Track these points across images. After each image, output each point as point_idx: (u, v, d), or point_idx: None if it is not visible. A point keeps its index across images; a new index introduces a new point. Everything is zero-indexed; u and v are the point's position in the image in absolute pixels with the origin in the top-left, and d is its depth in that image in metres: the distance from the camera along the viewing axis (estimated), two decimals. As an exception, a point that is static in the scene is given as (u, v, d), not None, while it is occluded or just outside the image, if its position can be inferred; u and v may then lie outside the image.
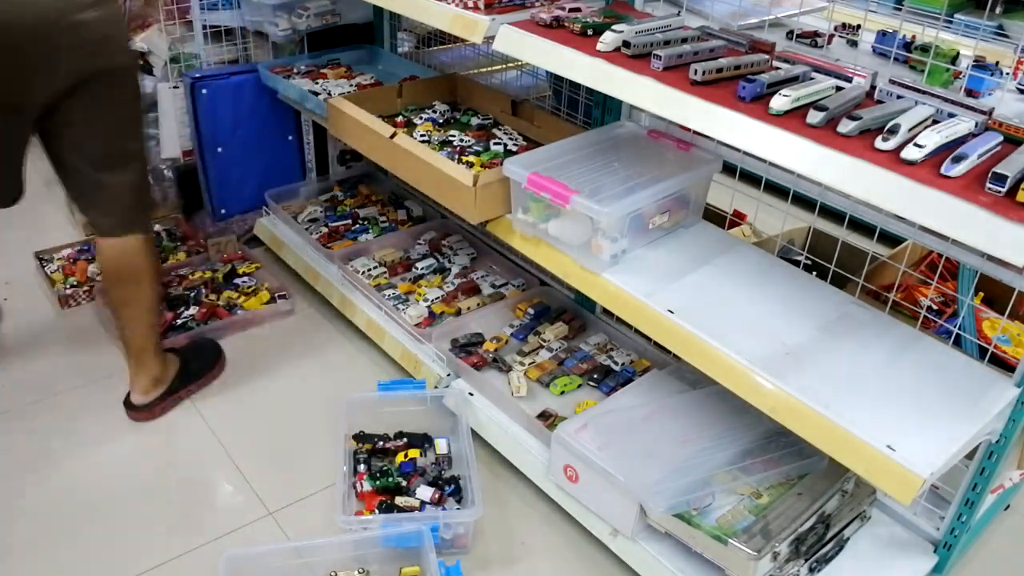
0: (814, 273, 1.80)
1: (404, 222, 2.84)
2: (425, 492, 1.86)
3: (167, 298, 2.55)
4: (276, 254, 2.80)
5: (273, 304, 2.58)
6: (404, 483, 1.90)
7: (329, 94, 2.53)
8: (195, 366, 2.27)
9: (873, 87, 1.50)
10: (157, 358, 2.15)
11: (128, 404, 2.17)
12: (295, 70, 2.76)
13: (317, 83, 2.67)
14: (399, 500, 1.84)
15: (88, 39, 1.72)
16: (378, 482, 1.88)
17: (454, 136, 2.31)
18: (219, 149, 2.76)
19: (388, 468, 1.94)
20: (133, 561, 1.78)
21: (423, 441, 2.02)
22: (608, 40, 1.63)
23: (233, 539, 1.85)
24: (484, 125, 2.42)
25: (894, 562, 1.66)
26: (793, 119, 1.38)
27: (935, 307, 2.26)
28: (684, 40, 1.65)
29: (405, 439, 2.02)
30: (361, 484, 1.89)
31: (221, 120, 2.73)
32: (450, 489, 1.88)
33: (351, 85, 2.68)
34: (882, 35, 1.82)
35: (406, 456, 1.96)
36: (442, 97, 2.57)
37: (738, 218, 2.47)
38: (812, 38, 1.84)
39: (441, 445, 2.00)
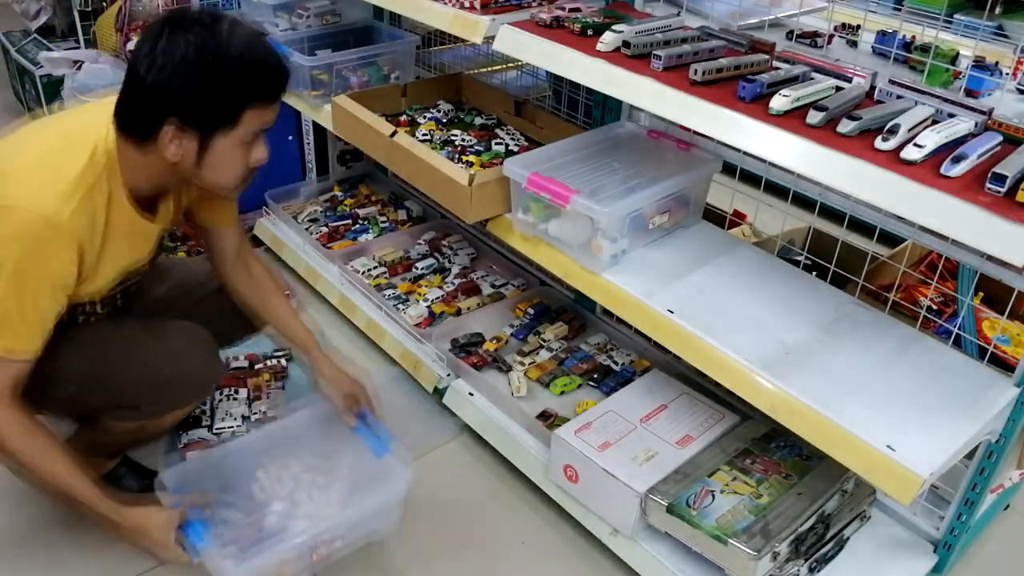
0: (814, 273, 1.80)
1: (404, 222, 2.84)
2: None
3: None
4: (276, 254, 2.80)
5: (274, 304, 2.57)
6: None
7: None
8: None
9: (873, 87, 1.51)
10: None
11: None
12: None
13: None
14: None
15: None
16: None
17: (456, 136, 2.31)
18: (219, 149, 2.76)
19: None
20: (134, 560, 1.78)
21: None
22: (608, 40, 1.63)
23: (233, 539, 1.84)
24: (487, 125, 2.42)
25: (894, 562, 1.66)
26: (793, 119, 1.38)
27: (935, 307, 2.26)
28: (684, 40, 1.65)
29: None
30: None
31: (221, 120, 2.73)
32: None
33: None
34: (882, 35, 1.82)
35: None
36: (447, 97, 2.57)
37: (738, 218, 2.47)
38: (812, 38, 1.84)
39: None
